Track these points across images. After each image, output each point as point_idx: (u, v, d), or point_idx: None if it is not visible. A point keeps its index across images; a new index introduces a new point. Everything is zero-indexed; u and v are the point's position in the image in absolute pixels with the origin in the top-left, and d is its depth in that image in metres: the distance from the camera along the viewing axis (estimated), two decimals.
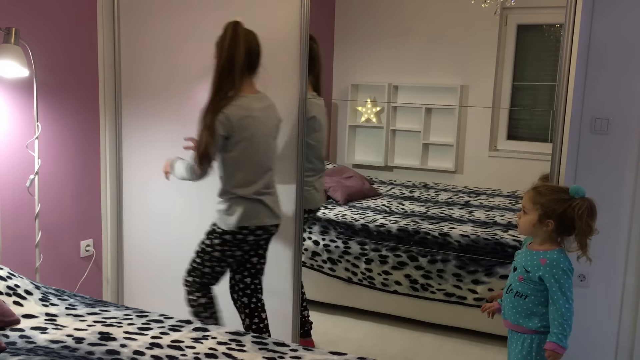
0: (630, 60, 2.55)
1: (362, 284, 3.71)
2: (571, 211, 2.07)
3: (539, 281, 2.11)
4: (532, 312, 2.14)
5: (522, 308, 2.16)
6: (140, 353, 1.97)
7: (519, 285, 2.17)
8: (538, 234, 2.17)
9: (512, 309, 2.20)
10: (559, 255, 2.11)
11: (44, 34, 2.90)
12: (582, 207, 2.06)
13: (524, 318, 2.16)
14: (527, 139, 4.52)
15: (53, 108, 2.99)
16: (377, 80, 4.88)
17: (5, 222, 2.79)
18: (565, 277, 2.08)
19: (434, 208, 4.10)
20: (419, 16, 4.72)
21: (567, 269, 2.09)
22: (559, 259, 2.10)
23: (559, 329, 2.05)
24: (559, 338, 2.05)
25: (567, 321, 2.06)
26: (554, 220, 2.11)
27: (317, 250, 3.79)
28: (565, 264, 2.10)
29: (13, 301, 2.27)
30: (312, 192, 3.09)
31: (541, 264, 2.11)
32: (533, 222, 2.15)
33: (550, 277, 2.08)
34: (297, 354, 2.02)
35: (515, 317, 2.19)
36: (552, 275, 2.08)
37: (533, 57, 4.49)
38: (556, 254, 2.12)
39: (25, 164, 2.87)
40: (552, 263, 2.09)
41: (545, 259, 2.11)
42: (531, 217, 2.15)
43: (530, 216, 2.16)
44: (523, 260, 2.19)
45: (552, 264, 2.09)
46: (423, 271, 3.54)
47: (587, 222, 2.06)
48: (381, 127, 4.88)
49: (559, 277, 2.07)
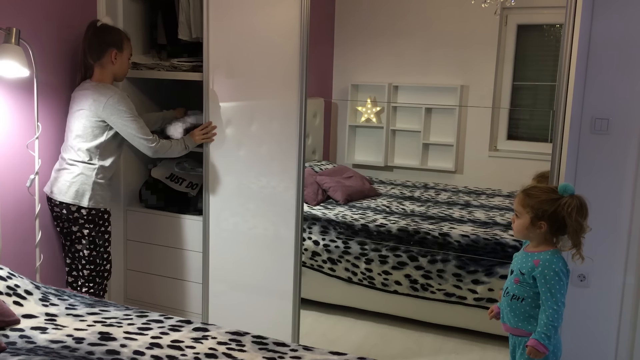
0: (630, 60, 2.55)
1: (362, 284, 3.71)
2: (561, 210, 2.05)
3: (534, 282, 2.10)
4: (530, 314, 2.13)
5: (520, 311, 2.15)
6: (140, 353, 1.97)
7: (515, 288, 2.16)
8: (533, 236, 2.15)
9: (509, 312, 2.19)
10: (552, 257, 2.10)
11: (44, 34, 2.90)
12: (571, 205, 2.04)
13: (522, 321, 2.15)
14: (527, 139, 4.53)
15: (53, 108, 2.99)
16: (377, 80, 4.88)
17: (5, 222, 2.79)
18: (556, 278, 2.06)
19: (434, 208, 4.10)
20: (419, 16, 4.72)
21: (560, 271, 2.07)
22: (551, 260, 2.09)
23: (542, 329, 2.05)
24: (542, 337, 2.04)
25: (552, 322, 2.04)
26: (546, 221, 2.09)
27: (317, 250, 3.79)
28: (558, 265, 2.08)
29: (13, 301, 2.27)
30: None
31: (535, 265, 2.10)
32: (526, 225, 2.13)
33: (541, 278, 2.07)
34: (297, 354, 2.02)
35: (514, 321, 2.17)
36: (543, 276, 2.07)
37: (533, 57, 4.50)
38: (549, 255, 2.10)
39: (25, 164, 2.87)
40: (544, 264, 2.08)
41: (538, 260, 2.10)
42: (523, 220, 2.13)
43: (522, 220, 2.14)
44: (519, 263, 2.18)
45: (544, 265, 2.08)
46: (423, 271, 3.54)
47: (577, 219, 2.04)
48: (381, 127, 4.88)
49: (550, 278, 2.06)
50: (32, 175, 2.86)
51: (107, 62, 2.83)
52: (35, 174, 2.86)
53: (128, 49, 2.90)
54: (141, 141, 2.82)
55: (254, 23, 2.92)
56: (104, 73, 2.84)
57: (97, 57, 2.82)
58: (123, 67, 2.89)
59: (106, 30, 2.84)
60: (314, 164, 4.64)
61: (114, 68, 2.85)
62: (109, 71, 2.85)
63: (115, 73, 2.87)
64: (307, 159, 4.63)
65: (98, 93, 2.77)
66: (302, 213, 2.95)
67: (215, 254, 3.10)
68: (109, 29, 2.85)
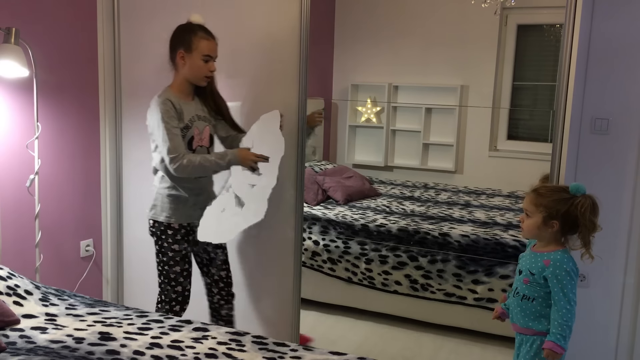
0: (630, 60, 2.55)
1: (362, 284, 3.70)
2: (574, 209, 2.06)
3: (545, 283, 2.10)
4: (541, 314, 2.13)
5: (531, 311, 2.15)
6: (140, 353, 1.97)
7: (525, 289, 2.16)
8: (543, 235, 2.15)
9: (519, 313, 2.18)
10: (563, 256, 2.10)
11: (44, 34, 2.90)
12: (584, 205, 2.05)
13: (532, 321, 2.15)
14: (527, 139, 4.52)
15: (53, 108, 2.99)
16: (377, 80, 4.88)
17: (5, 222, 2.79)
18: (567, 278, 2.07)
19: (434, 208, 4.10)
20: (419, 16, 4.72)
21: (571, 270, 2.08)
22: (562, 259, 2.09)
23: (557, 329, 2.05)
24: (557, 338, 2.04)
25: (566, 322, 2.05)
26: (559, 220, 2.10)
27: (317, 250, 3.79)
28: (569, 265, 2.09)
29: (13, 301, 2.27)
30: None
31: (545, 265, 2.10)
32: (538, 224, 2.13)
33: (553, 278, 2.07)
34: (297, 354, 2.02)
35: (525, 321, 2.17)
36: (554, 276, 2.07)
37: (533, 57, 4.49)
38: (560, 254, 2.10)
39: (25, 164, 2.87)
40: (555, 264, 2.08)
41: (549, 260, 2.10)
42: (535, 219, 2.13)
43: (534, 219, 2.14)
44: (527, 263, 2.17)
45: (555, 265, 2.08)
46: (423, 271, 3.54)
47: (590, 219, 2.06)
48: (381, 127, 4.88)
49: (562, 278, 2.06)
50: (32, 175, 2.86)
51: (178, 64, 2.64)
52: (35, 174, 2.86)
53: (200, 49, 2.60)
54: (163, 153, 2.58)
55: (254, 23, 2.92)
56: (176, 76, 2.67)
57: (171, 58, 2.67)
58: (193, 68, 2.62)
59: (179, 30, 2.66)
60: (314, 164, 4.64)
61: (184, 70, 2.63)
62: (180, 73, 2.65)
63: (185, 75, 2.64)
64: (307, 159, 4.63)
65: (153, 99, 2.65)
66: (302, 213, 2.95)
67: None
68: (183, 28, 2.66)
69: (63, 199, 3.10)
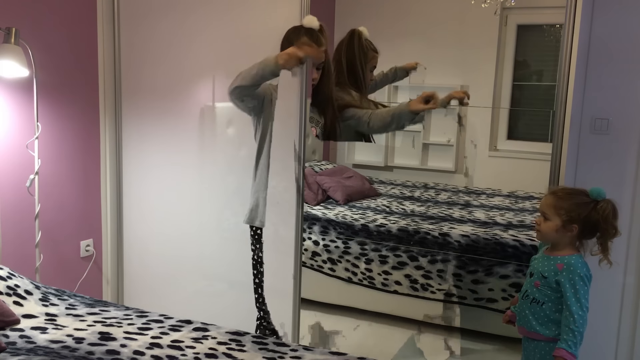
0: (630, 60, 2.55)
1: (362, 284, 3.70)
2: (596, 214, 2.03)
3: (557, 287, 2.07)
4: (550, 319, 2.11)
5: (539, 315, 2.13)
6: (140, 353, 1.97)
7: (535, 292, 2.14)
8: (561, 239, 2.11)
9: (528, 316, 2.16)
10: (577, 261, 2.07)
11: (44, 34, 2.90)
12: (607, 209, 2.03)
13: (540, 325, 2.13)
14: (527, 139, 4.52)
15: (53, 108, 2.99)
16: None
17: (5, 222, 2.79)
18: (581, 283, 2.04)
19: (434, 208, 4.10)
20: (419, 16, 4.71)
21: (585, 275, 2.05)
22: (576, 264, 2.06)
23: (569, 336, 2.02)
24: (569, 345, 2.01)
25: (578, 329, 2.02)
26: (579, 224, 2.07)
27: (317, 250, 3.79)
28: (583, 270, 2.06)
29: (13, 301, 2.27)
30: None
31: (558, 269, 2.07)
32: (557, 227, 2.09)
33: (566, 282, 2.04)
34: (297, 354, 2.02)
35: (532, 325, 2.14)
36: (568, 280, 2.04)
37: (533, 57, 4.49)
38: (574, 259, 2.08)
39: (25, 164, 2.86)
40: (569, 268, 2.05)
41: (562, 264, 2.07)
42: (554, 222, 2.09)
43: (553, 222, 2.10)
44: (540, 266, 2.14)
45: (569, 269, 2.05)
46: (423, 271, 3.54)
47: (612, 224, 2.03)
48: None
49: (575, 283, 2.04)
50: (32, 175, 2.86)
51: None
52: (35, 174, 2.86)
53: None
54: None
55: (254, 23, 2.91)
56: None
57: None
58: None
59: (288, 31, 2.66)
60: (314, 164, 4.64)
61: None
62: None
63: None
64: (307, 159, 4.62)
65: None
66: (302, 213, 2.95)
67: (215, 253, 3.10)
68: (292, 30, 2.65)
69: (63, 199, 3.10)
